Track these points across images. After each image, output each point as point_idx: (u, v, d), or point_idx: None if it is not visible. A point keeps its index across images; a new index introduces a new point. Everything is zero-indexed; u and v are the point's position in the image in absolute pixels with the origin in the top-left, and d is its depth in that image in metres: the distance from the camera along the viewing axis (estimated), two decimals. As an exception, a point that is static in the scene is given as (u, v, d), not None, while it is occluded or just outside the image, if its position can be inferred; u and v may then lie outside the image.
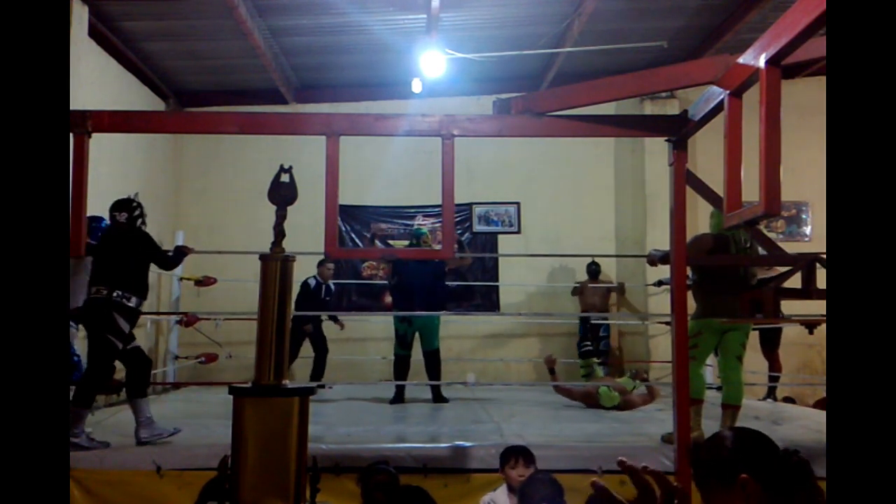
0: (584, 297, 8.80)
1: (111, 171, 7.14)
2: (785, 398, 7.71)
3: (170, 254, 5.24)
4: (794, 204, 9.14)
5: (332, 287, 8.13)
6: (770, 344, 7.35)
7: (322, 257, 7.60)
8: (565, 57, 8.00)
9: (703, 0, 7.34)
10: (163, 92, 9.06)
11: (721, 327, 4.78)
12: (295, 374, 7.75)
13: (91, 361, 4.60)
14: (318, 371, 7.78)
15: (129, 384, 4.68)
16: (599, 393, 6.41)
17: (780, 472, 1.66)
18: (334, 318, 8.22)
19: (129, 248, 4.76)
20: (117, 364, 4.77)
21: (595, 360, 7.12)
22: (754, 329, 6.34)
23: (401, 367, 6.98)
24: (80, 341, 5.72)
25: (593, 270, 8.68)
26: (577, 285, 8.87)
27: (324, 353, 7.83)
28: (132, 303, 4.65)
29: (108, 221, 5.62)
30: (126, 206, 4.87)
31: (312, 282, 7.81)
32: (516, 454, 3.67)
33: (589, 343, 7.35)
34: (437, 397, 6.85)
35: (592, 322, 8.40)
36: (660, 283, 8.32)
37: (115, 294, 4.57)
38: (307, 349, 7.81)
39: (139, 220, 4.88)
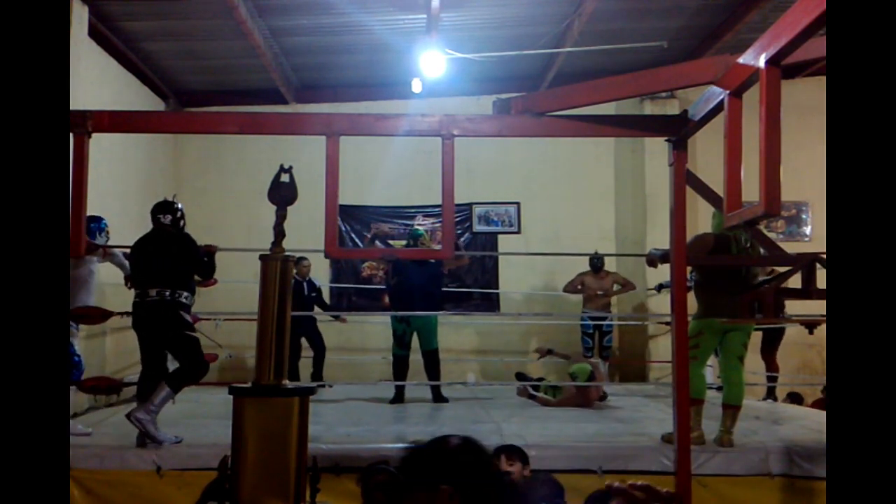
0: (585, 291, 8.52)
1: (111, 171, 7.14)
2: (790, 394, 7.69)
3: (206, 259, 5.20)
4: (794, 204, 9.13)
5: (316, 283, 8.06)
6: (771, 346, 7.35)
7: (298, 255, 7.57)
8: (565, 57, 7.99)
9: (703, 0, 7.34)
10: (163, 92, 9.05)
11: (722, 327, 4.77)
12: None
13: (186, 359, 4.70)
14: (317, 371, 7.77)
15: (174, 373, 4.74)
16: (573, 374, 6.60)
17: (486, 488, 1.65)
18: (335, 316, 8.18)
19: (178, 250, 4.79)
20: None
21: (547, 382, 7.17)
22: (757, 330, 6.33)
23: (400, 368, 6.98)
24: (80, 341, 5.71)
25: (596, 264, 8.42)
26: (578, 286, 8.57)
27: (321, 352, 7.83)
28: (189, 301, 4.80)
29: (107, 222, 5.63)
30: (170, 209, 4.90)
31: (292, 282, 7.71)
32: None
33: (523, 375, 7.52)
34: (437, 397, 6.85)
35: (594, 320, 8.28)
36: (660, 288, 8.22)
37: (175, 294, 4.69)
38: (307, 350, 7.80)
39: (182, 223, 4.93)
